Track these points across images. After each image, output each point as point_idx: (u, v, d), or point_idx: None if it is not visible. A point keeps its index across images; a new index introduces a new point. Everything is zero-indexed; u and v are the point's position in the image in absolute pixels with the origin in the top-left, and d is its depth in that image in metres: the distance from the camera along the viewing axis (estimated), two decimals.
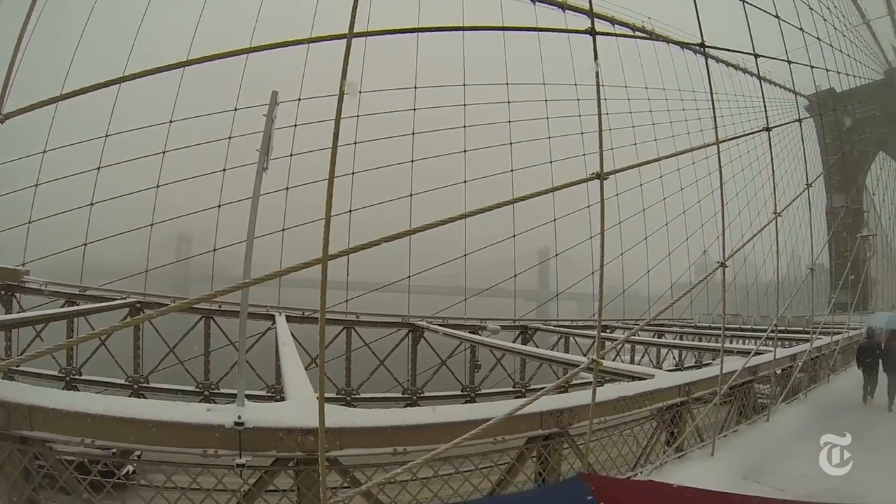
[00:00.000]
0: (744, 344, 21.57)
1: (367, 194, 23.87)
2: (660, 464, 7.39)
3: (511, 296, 28.22)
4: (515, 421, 5.48)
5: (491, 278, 28.33)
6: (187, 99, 20.83)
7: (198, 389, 17.19)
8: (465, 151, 26.66)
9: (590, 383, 6.02)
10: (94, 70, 18.67)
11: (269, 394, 17.12)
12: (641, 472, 7.12)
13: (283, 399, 6.66)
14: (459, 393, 20.62)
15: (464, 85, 26.58)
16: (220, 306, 17.13)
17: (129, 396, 15.87)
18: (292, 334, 13.48)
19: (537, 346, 22.75)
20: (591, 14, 5.82)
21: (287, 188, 21.80)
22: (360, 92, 20.63)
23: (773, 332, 12.22)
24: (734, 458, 8.10)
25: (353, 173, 21.97)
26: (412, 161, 24.89)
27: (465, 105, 26.57)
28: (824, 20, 32.74)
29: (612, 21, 30.74)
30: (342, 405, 17.22)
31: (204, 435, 4.59)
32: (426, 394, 19.89)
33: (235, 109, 20.87)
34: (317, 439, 4.03)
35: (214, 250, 21.60)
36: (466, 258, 26.31)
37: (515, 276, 28.55)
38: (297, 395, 6.21)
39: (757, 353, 11.17)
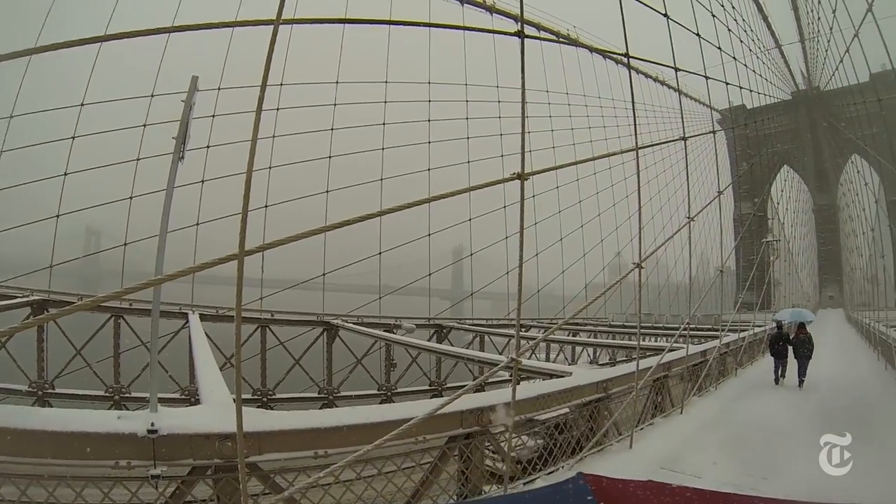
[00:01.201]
0: (657, 341, 22.43)
1: (283, 190, 23.42)
2: (580, 458, 7.48)
3: (425, 294, 28.37)
4: (436, 420, 5.43)
5: (406, 276, 28.40)
6: (101, 81, 19.61)
7: (108, 395, 16.36)
8: (383, 149, 26.47)
9: (507, 381, 6.06)
10: None
11: (183, 396, 16.55)
12: (563, 467, 7.20)
13: (197, 402, 6.39)
14: (376, 392, 20.56)
15: (386, 81, 26.38)
16: (130, 304, 16.52)
17: (34, 405, 15.00)
18: (206, 333, 12.99)
19: (452, 345, 22.88)
20: (520, 18, 5.82)
21: (203, 181, 21.02)
22: (280, 84, 20.13)
23: (684, 329, 12.68)
24: (652, 450, 8.35)
25: (269, 168, 21.44)
26: (329, 157, 24.54)
27: (385, 102, 26.33)
28: (741, 42, 34.37)
29: (539, 27, 31.29)
30: (258, 406, 16.84)
31: (115, 445, 4.25)
32: (342, 393, 19.73)
33: (152, 95, 19.83)
34: (235, 445, 3.84)
35: (125, 244, 20.67)
36: (381, 256, 26.24)
37: (430, 274, 28.73)
38: (212, 398, 5.96)
39: (670, 350, 11.58)
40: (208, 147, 20.63)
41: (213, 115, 20.27)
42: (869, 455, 7.73)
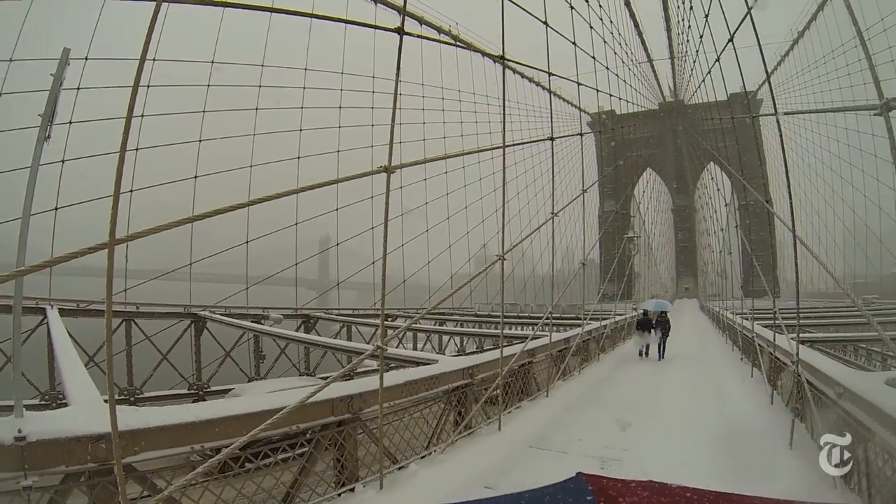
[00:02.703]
0: (522, 330, 23.34)
1: (149, 175, 22.03)
2: (451, 441, 7.77)
3: (292, 284, 28.01)
4: (308, 409, 5.48)
5: (272, 266, 27.77)
6: None
7: None
8: (254, 135, 25.62)
9: (376, 370, 6.21)
10: None
11: (44, 401, 15.29)
12: (435, 451, 7.46)
13: (63, 405, 6.03)
14: (246, 385, 20.03)
15: (262, 66, 25.51)
16: None
17: None
18: (67, 330, 12.20)
19: (319, 335, 22.86)
20: (403, 12, 5.98)
21: (63, 160, 19.09)
22: (153, 59, 19.02)
23: (548, 318, 13.21)
24: (519, 431, 8.77)
25: (137, 149, 20.10)
26: (200, 141, 23.48)
27: (259, 87, 25.51)
28: (615, 54, 36.02)
29: (421, 21, 31.37)
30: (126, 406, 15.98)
31: None
32: (213, 388, 19.06)
33: (11, 60, 17.90)
34: (109, 446, 3.71)
35: None
36: (249, 245, 25.61)
37: (297, 264, 28.31)
38: (81, 399, 5.57)
39: (534, 338, 12.07)
40: (70, 123, 18.89)
41: (78, 88, 18.66)
42: (721, 406, 10.53)
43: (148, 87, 19.18)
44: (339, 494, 5.98)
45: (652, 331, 19.15)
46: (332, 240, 32.32)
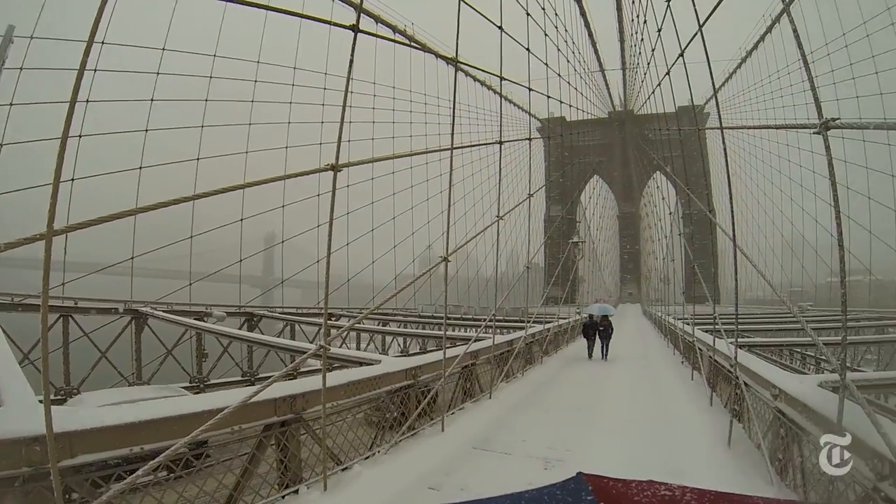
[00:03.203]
0: (465, 332, 23.44)
1: (92, 163, 21.25)
2: (395, 442, 7.72)
3: (236, 281, 27.69)
4: (251, 409, 5.37)
5: (216, 262, 27.38)
6: None
7: None
8: (202, 127, 25.06)
9: (319, 370, 6.12)
10: None
11: None
12: (378, 452, 7.42)
13: None
14: (188, 384, 19.55)
15: (214, 55, 25.01)
16: None
17: None
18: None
19: (263, 334, 22.60)
20: (358, 9, 5.89)
21: (1, 144, 18.41)
22: (102, 42, 18.31)
23: (491, 321, 13.25)
24: (463, 432, 8.78)
25: (80, 136, 19.38)
26: (146, 130, 22.79)
27: (210, 77, 24.96)
28: (568, 62, 36.54)
29: (377, 19, 31.25)
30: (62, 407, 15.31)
31: None
32: (153, 387, 18.43)
33: None
34: (45, 449, 3.51)
35: None
36: (193, 240, 25.12)
37: (241, 260, 27.92)
38: (14, 399, 5.17)
39: (477, 340, 12.11)
40: (11, 105, 18.06)
41: (21, 68, 17.78)
42: (662, 407, 10.86)
43: (95, 70, 18.52)
44: (283, 497, 5.87)
45: (597, 333, 20.25)
46: (278, 237, 32.15)
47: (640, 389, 13.71)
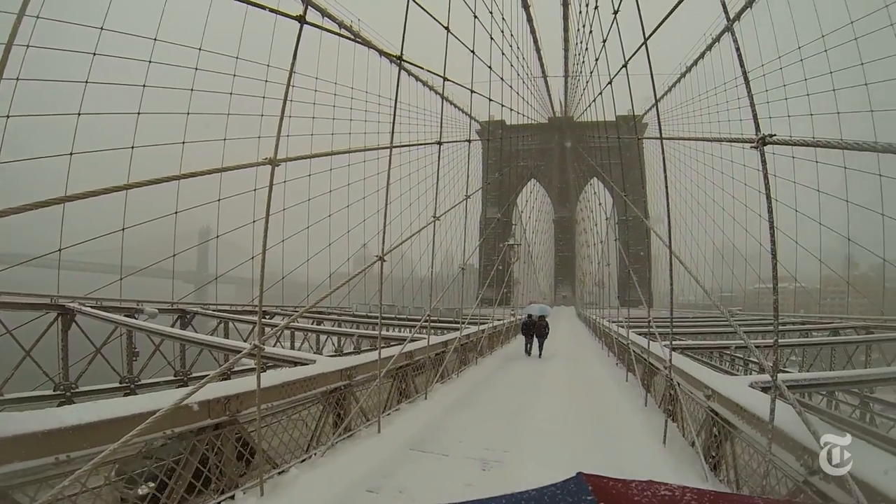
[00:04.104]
0: (400, 332, 23.42)
1: (18, 148, 20.17)
2: (331, 444, 7.60)
3: (169, 277, 26.99)
4: (183, 411, 5.16)
5: (149, 257, 26.50)
6: None
7: None
8: (138, 114, 24.13)
9: (252, 370, 5.94)
10: None
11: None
12: (315, 454, 7.27)
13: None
14: (118, 385, 18.83)
15: (154, 39, 24.11)
16: None
17: None
18: None
19: (196, 331, 22.05)
20: (306, 0, 5.76)
21: None
22: (37, 16, 17.40)
23: (426, 321, 13.18)
24: (400, 434, 8.69)
25: (8, 116, 18.40)
26: (79, 114, 21.74)
27: (150, 62, 24.10)
28: (511, 66, 36.94)
29: (324, 13, 30.91)
30: None
31: None
32: (81, 388, 17.60)
33: None
34: None
35: None
36: (125, 233, 24.17)
37: (175, 255, 27.28)
38: None
39: (412, 341, 12.04)
40: None
41: None
42: (598, 407, 11.11)
43: (27, 46, 17.70)
44: (219, 503, 5.67)
45: (534, 334, 21.42)
46: (213, 231, 31.44)
47: (576, 391, 13.86)
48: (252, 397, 5.95)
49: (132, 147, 23.81)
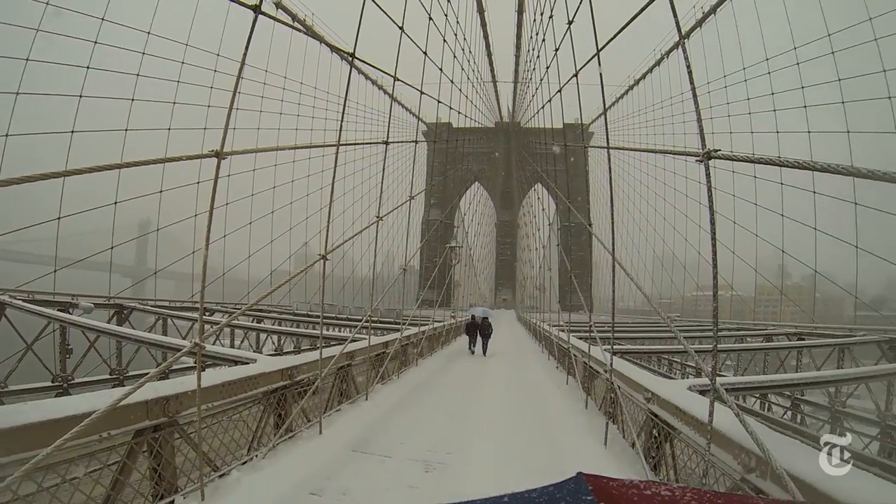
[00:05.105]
0: (341, 332, 23.28)
1: None
2: (273, 445, 7.49)
3: (106, 269, 26.16)
4: (120, 413, 4.89)
5: (85, 248, 25.66)
6: None
7: None
8: (80, 97, 23.18)
9: (191, 368, 5.78)
10: None
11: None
12: (256, 456, 7.16)
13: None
14: (50, 384, 18.06)
15: (102, 19, 23.20)
16: None
17: None
18: None
19: (133, 328, 21.40)
20: None
21: None
22: None
23: (367, 321, 13.11)
24: (341, 435, 8.63)
25: None
26: (17, 93, 20.76)
27: (95, 42, 23.16)
28: (462, 69, 37.12)
29: (278, 5, 30.49)
30: None
31: None
32: (11, 388, 16.85)
33: None
34: None
35: None
36: (60, 222, 23.19)
37: (112, 248, 26.42)
38: None
39: (353, 341, 12.04)
40: None
41: None
42: (540, 410, 11.38)
43: None
44: None
45: (478, 332, 22.89)
46: (153, 224, 30.52)
47: (517, 393, 14.00)
48: (192, 398, 5.78)
49: (72, 132, 22.94)
